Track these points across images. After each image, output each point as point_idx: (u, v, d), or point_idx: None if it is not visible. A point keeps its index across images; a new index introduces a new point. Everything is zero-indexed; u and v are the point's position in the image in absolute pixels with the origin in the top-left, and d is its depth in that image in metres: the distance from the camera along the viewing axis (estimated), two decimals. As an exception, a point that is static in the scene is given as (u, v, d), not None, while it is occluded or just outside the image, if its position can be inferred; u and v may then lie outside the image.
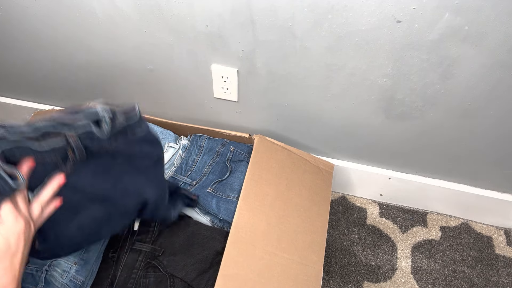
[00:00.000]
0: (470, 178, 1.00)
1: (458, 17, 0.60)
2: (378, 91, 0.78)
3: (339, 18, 0.65)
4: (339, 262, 1.05)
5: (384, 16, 0.62)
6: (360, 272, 1.03)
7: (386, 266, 1.04)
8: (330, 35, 0.68)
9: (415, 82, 0.73)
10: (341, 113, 0.86)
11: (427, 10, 0.60)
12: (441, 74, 0.70)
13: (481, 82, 0.70)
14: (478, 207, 1.07)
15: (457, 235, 1.10)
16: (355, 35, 0.67)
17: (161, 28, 0.76)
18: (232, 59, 0.79)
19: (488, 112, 0.76)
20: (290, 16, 0.66)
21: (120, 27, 0.79)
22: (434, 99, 0.76)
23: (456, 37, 0.63)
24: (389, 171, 1.04)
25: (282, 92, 0.84)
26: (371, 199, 1.17)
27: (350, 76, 0.76)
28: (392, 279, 1.02)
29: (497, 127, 0.80)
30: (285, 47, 0.73)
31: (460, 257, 1.06)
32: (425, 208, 1.14)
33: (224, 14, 0.70)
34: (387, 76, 0.73)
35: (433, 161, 0.96)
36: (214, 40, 0.75)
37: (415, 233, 1.10)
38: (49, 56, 0.92)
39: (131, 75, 0.92)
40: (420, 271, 1.03)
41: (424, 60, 0.68)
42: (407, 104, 0.79)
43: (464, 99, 0.75)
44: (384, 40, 0.66)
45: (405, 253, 1.06)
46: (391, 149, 0.95)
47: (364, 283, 1.01)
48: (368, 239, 1.08)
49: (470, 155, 0.91)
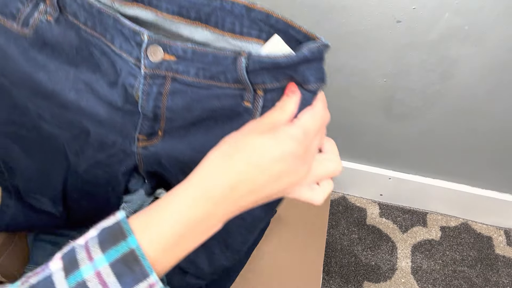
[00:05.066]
0: (470, 178, 1.00)
1: (458, 17, 0.60)
2: (378, 91, 0.77)
3: (339, 18, 0.65)
4: (339, 262, 1.05)
5: (384, 16, 0.62)
6: (360, 272, 1.03)
7: (386, 266, 1.04)
8: (330, 35, 0.68)
9: (415, 82, 0.73)
10: (341, 113, 0.86)
11: (427, 10, 0.60)
12: (441, 74, 0.70)
13: (481, 82, 0.70)
14: (478, 207, 1.07)
15: (457, 235, 1.10)
16: (355, 35, 0.67)
17: (161, 28, 0.76)
18: (232, 59, 0.79)
19: (488, 112, 0.76)
20: (290, 16, 0.66)
21: (120, 27, 0.79)
22: (434, 99, 0.76)
23: (456, 37, 0.63)
24: (389, 171, 1.04)
25: (282, 92, 0.84)
26: (371, 199, 1.17)
27: (350, 76, 0.76)
28: (392, 279, 1.02)
29: (497, 127, 0.80)
30: (285, 47, 0.73)
31: (460, 257, 1.06)
32: (425, 208, 1.14)
33: (224, 14, 0.70)
34: (387, 76, 0.73)
35: (433, 161, 0.96)
36: (214, 40, 0.76)
37: (415, 233, 1.10)
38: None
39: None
40: (420, 271, 1.04)
41: (424, 60, 0.68)
42: (407, 104, 0.79)
43: (464, 99, 0.75)
44: (384, 40, 0.66)
45: (405, 253, 1.06)
46: (391, 149, 0.95)
47: (364, 283, 1.01)
48: (368, 239, 1.08)
49: (470, 155, 0.91)
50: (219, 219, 0.33)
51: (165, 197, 0.33)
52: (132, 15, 0.39)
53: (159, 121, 0.42)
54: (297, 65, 0.35)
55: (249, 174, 0.33)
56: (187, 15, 0.38)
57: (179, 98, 0.40)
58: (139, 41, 0.37)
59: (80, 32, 0.39)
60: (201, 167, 0.34)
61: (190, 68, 0.38)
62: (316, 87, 0.36)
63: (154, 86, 0.39)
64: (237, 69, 0.36)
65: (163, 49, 0.37)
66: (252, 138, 0.34)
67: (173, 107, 0.40)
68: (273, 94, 0.38)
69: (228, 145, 0.35)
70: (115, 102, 0.42)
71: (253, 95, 0.38)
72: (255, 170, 0.33)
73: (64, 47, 0.40)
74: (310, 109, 0.36)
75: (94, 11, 0.37)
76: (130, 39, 0.37)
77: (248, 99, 0.39)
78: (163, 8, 0.38)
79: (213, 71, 0.38)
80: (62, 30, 0.40)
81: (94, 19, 0.38)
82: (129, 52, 0.38)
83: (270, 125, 0.35)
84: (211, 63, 0.37)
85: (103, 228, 0.30)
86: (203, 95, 0.40)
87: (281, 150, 0.33)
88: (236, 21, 0.37)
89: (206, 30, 0.38)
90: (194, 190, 0.33)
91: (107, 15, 0.37)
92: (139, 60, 0.38)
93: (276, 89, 0.38)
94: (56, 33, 0.40)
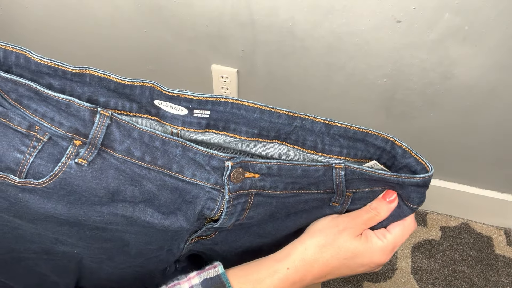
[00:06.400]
0: (470, 178, 1.00)
1: (458, 17, 0.60)
2: (378, 91, 0.77)
3: (339, 18, 0.65)
4: (339, 262, 1.05)
5: (384, 16, 0.62)
6: (360, 272, 1.03)
7: (386, 266, 1.04)
8: (330, 35, 0.68)
9: (415, 82, 0.73)
10: (341, 113, 0.86)
11: (427, 10, 0.60)
12: (441, 74, 0.70)
13: (481, 82, 0.70)
14: (478, 207, 1.07)
15: (457, 235, 1.10)
16: (355, 35, 0.67)
17: (161, 28, 0.76)
18: (232, 59, 0.79)
19: (488, 112, 0.76)
20: (290, 16, 0.66)
21: (120, 27, 0.79)
22: (434, 99, 0.76)
23: (456, 37, 0.63)
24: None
25: (282, 92, 0.84)
26: (371, 199, 1.17)
27: (350, 76, 0.76)
28: (392, 279, 1.02)
29: (497, 127, 0.80)
30: (285, 47, 0.73)
31: (460, 257, 1.06)
32: (425, 208, 1.14)
33: (224, 14, 0.70)
34: (387, 76, 0.73)
35: (433, 161, 0.95)
36: (214, 40, 0.75)
37: (415, 233, 1.10)
38: (49, 55, 0.92)
39: (131, 75, 0.92)
40: (420, 271, 1.03)
41: (424, 60, 0.68)
42: (407, 104, 0.79)
43: (464, 99, 0.75)
44: (384, 40, 0.66)
45: (405, 253, 1.06)
46: (391, 149, 0.95)
47: (364, 283, 1.01)
48: (368, 239, 1.08)
49: (470, 155, 0.91)
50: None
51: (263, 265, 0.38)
52: (201, 140, 0.37)
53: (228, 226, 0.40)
54: (406, 186, 0.36)
55: (339, 270, 0.38)
56: (267, 135, 0.38)
57: (262, 208, 0.39)
58: (216, 166, 0.35)
59: (132, 169, 0.35)
60: (296, 251, 0.38)
61: (278, 184, 0.37)
62: (416, 207, 0.38)
63: (238, 206, 0.38)
64: (333, 180, 0.37)
65: (244, 169, 0.36)
66: (347, 240, 0.38)
67: (254, 216, 0.39)
68: (362, 193, 0.39)
69: (324, 237, 0.39)
70: (173, 225, 0.38)
71: (343, 198, 0.39)
72: (344, 268, 0.39)
73: (97, 193, 0.34)
74: (402, 224, 0.39)
75: (158, 143, 0.34)
76: (205, 165, 0.35)
77: (337, 201, 0.40)
78: (243, 131, 0.37)
79: (303, 183, 0.38)
80: (98, 174, 0.34)
81: (156, 151, 0.34)
82: (205, 179, 0.36)
83: (363, 225, 0.39)
84: (301, 176, 0.37)
85: (206, 278, 0.34)
86: (289, 203, 0.40)
87: (370, 259, 0.38)
88: (318, 140, 0.38)
89: (282, 145, 0.38)
90: (292, 273, 0.37)
91: (175, 145, 0.34)
92: (219, 184, 0.36)
93: (365, 191, 0.39)
94: (88, 178, 0.33)
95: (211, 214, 0.38)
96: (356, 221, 0.39)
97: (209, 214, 0.38)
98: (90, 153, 0.33)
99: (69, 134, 0.32)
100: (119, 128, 0.33)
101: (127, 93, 0.35)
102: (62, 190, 0.33)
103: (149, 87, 0.35)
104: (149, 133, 0.33)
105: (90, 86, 0.34)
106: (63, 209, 0.34)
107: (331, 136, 0.38)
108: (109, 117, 0.32)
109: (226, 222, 0.38)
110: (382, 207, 0.39)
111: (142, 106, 0.36)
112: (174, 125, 0.36)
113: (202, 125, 0.36)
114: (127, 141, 0.33)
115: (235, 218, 0.38)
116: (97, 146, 0.33)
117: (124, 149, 0.34)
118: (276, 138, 0.38)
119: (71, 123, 0.32)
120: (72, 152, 0.33)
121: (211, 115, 0.36)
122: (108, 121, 0.32)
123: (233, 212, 0.38)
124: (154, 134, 0.34)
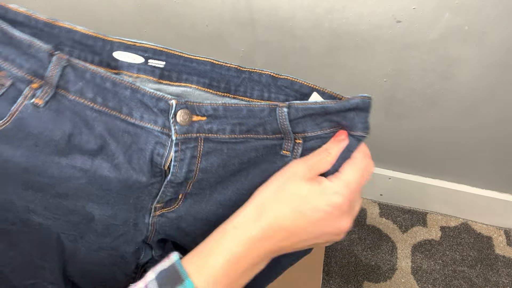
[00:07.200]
0: (470, 178, 1.00)
1: (458, 17, 0.60)
2: (378, 91, 0.77)
3: (339, 18, 0.65)
4: (339, 262, 1.05)
5: (384, 16, 0.62)
6: (360, 272, 1.03)
7: (386, 266, 1.04)
8: (330, 35, 0.68)
9: (415, 82, 0.73)
10: (341, 113, 0.86)
11: (427, 10, 0.60)
12: (441, 74, 0.70)
13: (481, 82, 0.70)
14: (478, 207, 1.07)
15: (457, 235, 1.10)
16: (355, 35, 0.67)
17: (161, 28, 0.76)
18: (232, 59, 0.79)
19: (488, 112, 0.76)
20: (290, 16, 0.66)
21: (120, 27, 0.79)
22: (434, 99, 0.76)
23: (456, 37, 0.63)
24: (389, 171, 1.04)
25: (282, 92, 0.84)
26: (371, 199, 1.17)
27: (350, 76, 0.76)
28: (392, 279, 1.02)
29: (497, 127, 0.80)
30: (285, 47, 0.73)
31: (460, 257, 1.06)
32: (425, 208, 1.14)
33: (224, 14, 0.70)
34: (387, 76, 0.73)
35: (433, 161, 0.96)
36: (214, 40, 0.75)
37: (415, 233, 1.10)
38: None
39: (131, 75, 0.92)
40: (420, 271, 1.04)
41: (424, 60, 0.68)
42: (407, 104, 0.79)
43: (464, 99, 0.75)
44: (384, 40, 0.66)
45: (405, 253, 1.06)
46: (391, 149, 0.95)
47: (364, 283, 1.01)
48: (368, 239, 1.08)
49: (470, 155, 0.91)
50: (262, 258, 0.36)
51: (213, 237, 0.36)
52: (155, 89, 0.37)
53: (185, 185, 0.40)
54: (347, 111, 0.36)
55: (291, 220, 0.35)
56: (217, 86, 0.40)
57: (214, 157, 0.39)
58: (163, 108, 0.36)
59: (84, 112, 0.36)
60: (247, 208, 0.36)
61: (225, 126, 0.37)
62: (361, 135, 0.37)
63: (188, 151, 0.37)
64: (277, 120, 0.37)
65: (191, 112, 0.36)
66: (297, 184, 0.36)
67: (208, 167, 0.39)
68: (312, 142, 0.39)
69: (273, 187, 0.37)
70: (129, 179, 0.38)
71: (293, 144, 0.39)
72: (298, 215, 0.35)
73: (54, 136, 0.36)
74: (351, 162, 0.37)
75: (108, 84, 0.35)
76: (152, 107, 0.36)
77: (287, 148, 0.39)
78: (194, 81, 0.39)
79: (250, 124, 0.38)
80: (53, 115, 0.35)
81: (107, 93, 0.35)
82: (153, 121, 0.36)
83: (315, 168, 0.37)
84: (247, 117, 0.37)
85: (160, 271, 0.33)
86: (240, 150, 0.39)
87: (326, 201, 0.35)
88: (264, 89, 0.40)
89: (234, 100, 0.40)
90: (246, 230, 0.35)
91: (124, 86, 0.35)
92: (167, 127, 0.37)
93: (315, 137, 0.39)
94: (45, 119, 0.35)
95: (161, 161, 0.38)
96: (306, 163, 0.37)
97: (160, 162, 0.38)
98: (46, 93, 0.34)
99: (27, 77, 0.34)
100: (74, 70, 0.34)
101: (90, 44, 0.37)
102: (20, 133, 0.35)
103: (110, 41, 0.37)
104: (101, 74, 0.35)
105: (58, 37, 0.36)
106: (21, 156, 0.35)
107: (278, 87, 0.40)
108: (66, 59, 0.34)
109: (179, 173, 0.38)
110: (332, 146, 0.37)
111: (103, 60, 0.38)
112: (130, 72, 0.38)
113: (156, 74, 0.39)
114: (80, 82, 0.35)
115: (186, 166, 0.38)
116: (52, 86, 0.34)
117: (77, 90, 0.35)
118: (227, 91, 0.40)
119: (31, 65, 0.34)
120: (29, 93, 0.34)
121: (165, 66, 0.38)
122: (64, 63, 0.34)
123: (183, 158, 0.38)
124: (105, 75, 0.35)
